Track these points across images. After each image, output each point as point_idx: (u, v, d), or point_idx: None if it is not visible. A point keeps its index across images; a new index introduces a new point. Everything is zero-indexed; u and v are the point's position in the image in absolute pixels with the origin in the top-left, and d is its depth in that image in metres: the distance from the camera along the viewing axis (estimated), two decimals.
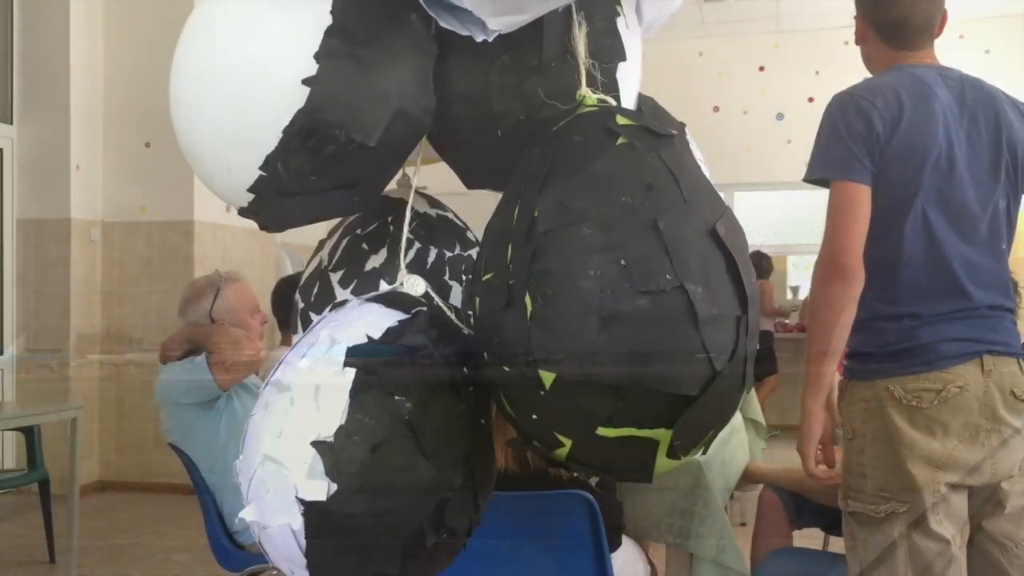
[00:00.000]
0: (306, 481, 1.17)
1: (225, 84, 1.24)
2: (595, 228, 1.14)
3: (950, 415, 1.83)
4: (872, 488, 1.89)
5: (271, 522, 1.20)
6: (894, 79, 1.96)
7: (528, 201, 1.20)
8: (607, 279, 1.11)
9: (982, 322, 1.89)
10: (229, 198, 1.33)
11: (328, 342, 1.25)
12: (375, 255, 1.52)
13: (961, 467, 1.84)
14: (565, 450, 1.21)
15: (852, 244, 1.87)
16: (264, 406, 1.25)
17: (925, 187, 1.88)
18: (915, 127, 1.88)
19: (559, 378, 1.13)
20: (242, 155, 1.25)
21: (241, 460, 1.27)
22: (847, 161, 1.89)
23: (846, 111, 1.92)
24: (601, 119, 1.28)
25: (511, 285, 1.17)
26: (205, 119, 1.26)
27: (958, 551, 1.84)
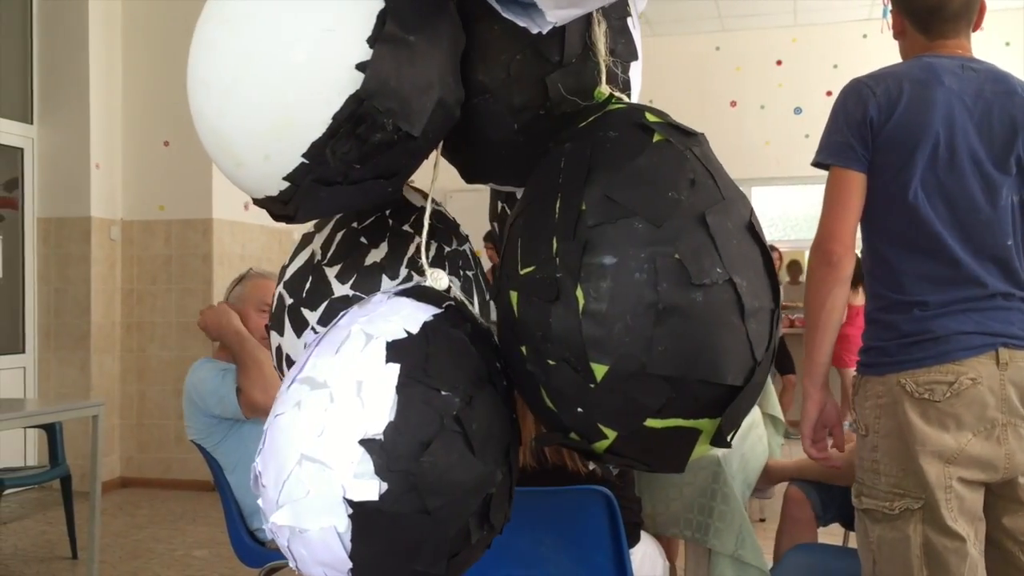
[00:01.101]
0: (354, 481, 1.13)
1: (271, 69, 1.19)
2: (645, 222, 1.15)
3: (963, 408, 1.82)
4: (886, 485, 1.89)
5: (311, 525, 1.15)
6: (904, 67, 1.97)
7: (571, 195, 1.20)
8: (662, 272, 1.12)
9: (996, 313, 1.87)
10: (257, 187, 1.28)
11: (363, 337, 1.21)
12: (375, 249, 1.48)
13: (975, 462, 1.82)
14: (607, 443, 1.20)
15: (838, 230, 1.92)
16: (295, 404, 1.20)
17: (922, 174, 1.88)
18: (911, 113, 1.89)
19: (611, 371, 1.14)
20: (285, 142, 1.21)
21: (264, 461, 1.22)
22: (841, 148, 1.94)
23: (848, 98, 1.97)
24: (632, 116, 1.28)
25: (559, 278, 1.16)
26: (245, 105, 1.21)
27: (973, 549, 1.83)
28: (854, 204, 1.92)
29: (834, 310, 1.93)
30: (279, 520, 1.17)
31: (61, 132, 6.20)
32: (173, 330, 6.36)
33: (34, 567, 4.50)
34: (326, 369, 1.21)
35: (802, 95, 8.92)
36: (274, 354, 1.56)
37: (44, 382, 6.22)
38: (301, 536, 1.17)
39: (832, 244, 1.92)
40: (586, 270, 1.14)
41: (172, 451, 6.24)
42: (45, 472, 4.78)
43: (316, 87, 1.19)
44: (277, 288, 1.55)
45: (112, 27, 6.34)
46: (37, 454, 6.09)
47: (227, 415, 2.88)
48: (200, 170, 6.25)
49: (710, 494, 2.41)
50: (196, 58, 1.26)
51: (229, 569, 4.31)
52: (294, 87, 1.19)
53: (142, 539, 5.00)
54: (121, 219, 6.42)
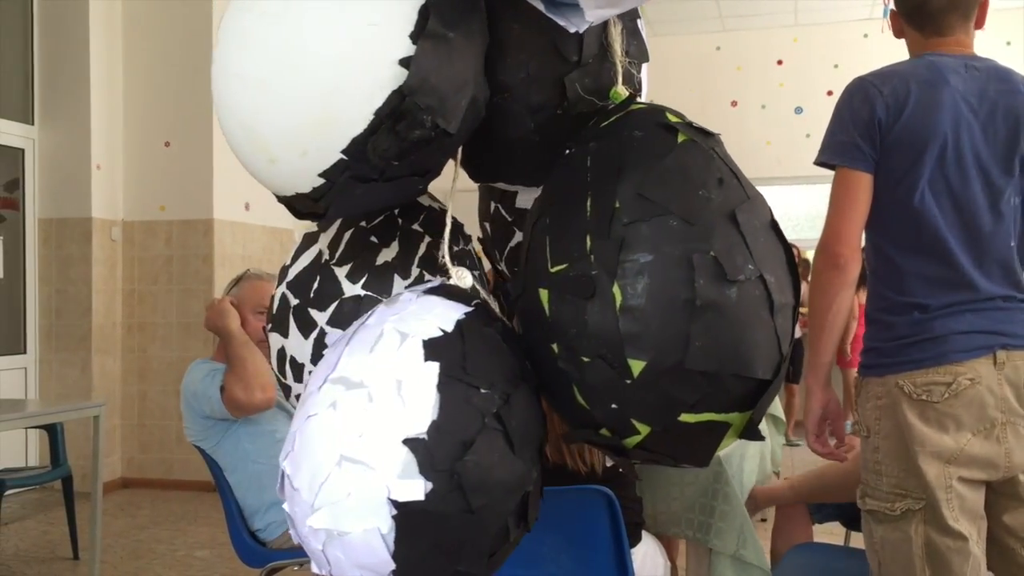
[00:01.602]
0: (398, 481, 1.11)
1: (314, 62, 1.17)
2: (680, 220, 1.18)
3: (962, 409, 1.82)
4: (888, 486, 1.89)
5: (353, 527, 1.13)
6: (909, 66, 1.96)
7: (603, 193, 1.21)
8: (699, 269, 1.15)
9: (995, 314, 1.87)
10: (288, 184, 1.25)
11: (397, 336, 1.20)
12: (386, 248, 1.46)
13: (975, 462, 1.82)
14: (639, 438, 1.22)
15: (844, 232, 1.90)
16: (329, 405, 1.17)
17: (929, 176, 1.87)
18: (919, 115, 1.87)
19: (648, 366, 1.16)
20: (325, 138, 1.19)
21: (294, 464, 1.18)
22: (847, 148, 1.92)
23: (853, 97, 1.95)
24: (655, 117, 1.30)
25: (594, 276, 1.17)
26: (284, 100, 1.18)
27: (975, 547, 1.83)
28: (861, 205, 1.91)
29: (839, 312, 1.93)
30: (316, 523, 1.14)
31: (62, 133, 6.20)
32: (174, 330, 6.37)
33: (35, 568, 4.50)
34: (361, 369, 1.19)
35: (803, 95, 8.92)
36: (275, 356, 1.52)
37: (45, 383, 6.23)
38: (341, 539, 1.14)
39: (839, 247, 1.90)
40: (622, 267, 1.16)
41: (173, 451, 6.24)
42: (46, 473, 4.78)
43: (359, 82, 1.18)
44: (279, 289, 1.51)
45: (113, 28, 6.34)
46: (38, 455, 6.09)
47: (216, 416, 2.87)
48: (201, 170, 6.26)
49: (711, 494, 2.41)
50: (229, 51, 1.22)
51: (230, 569, 4.31)
52: (337, 82, 1.17)
53: (143, 539, 5.00)
54: (122, 220, 6.42)
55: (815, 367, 2.00)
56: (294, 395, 1.50)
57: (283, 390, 1.55)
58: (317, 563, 1.20)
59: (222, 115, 1.25)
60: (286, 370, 1.50)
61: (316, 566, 1.22)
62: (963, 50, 1.98)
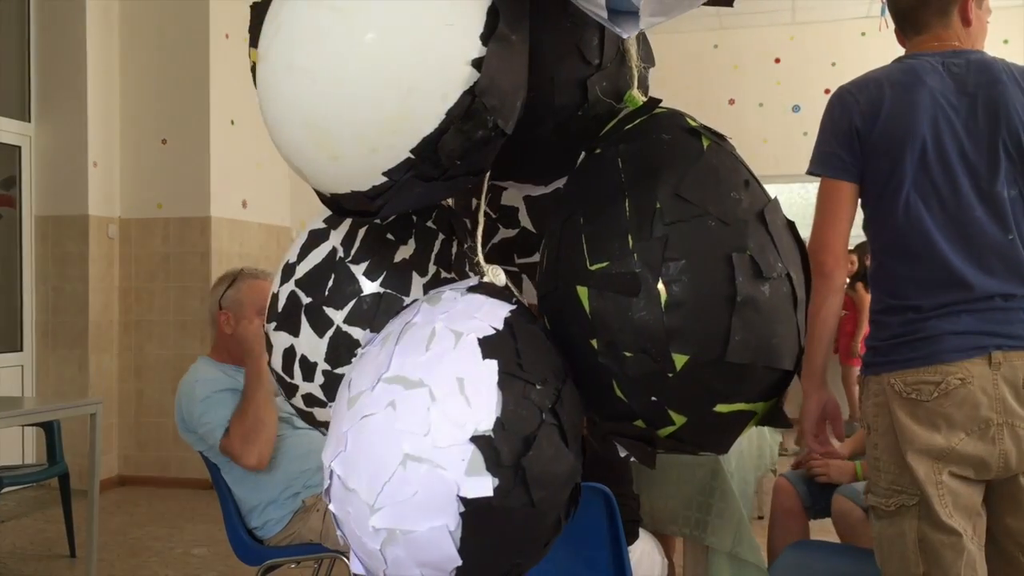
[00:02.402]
0: (466, 479, 1.13)
1: (390, 60, 1.16)
2: (717, 221, 1.25)
3: (953, 408, 1.82)
4: (885, 482, 1.90)
5: (419, 525, 1.14)
6: (885, 72, 1.98)
7: (641, 195, 1.26)
8: (738, 267, 1.23)
9: (993, 315, 1.86)
10: (347, 181, 1.24)
11: (451, 335, 1.21)
12: (404, 246, 1.45)
13: (966, 460, 1.83)
14: (673, 428, 1.28)
15: (829, 240, 1.95)
16: (388, 404, 1.17)
17: (914, 177, 1.88)
18: (894, 118, 1.90)
19: (692, 360, 1.22)
20: (396, 136, 1.18)
21: (348, 465, 1.18)
22: (829, 159, 1.98)
23: (833, 108, 1.99)
24: (678, 121, 1.36)
25: (638, 273, 1.22)
26: (357, 97, 1.17)
27: (970, 543, 1.83)
28: (844, 214, 1.96)
29: (828, 319, 1.97)
30: (378, 523, 1.15)
31: (59, 130, 6.20)
32: (171, 328, 6.36)
33: (32, 565, 4.50)
34: (418, 367, 1.19)
35: (800, 93, 8.92)
36: (279, 355, 1.51)
37: (42, 380, 6.22)
38: (405, 537, 1.15)
39: (824, 255, 1.95)
40: (666, 266, 1.22)
41: (170, 449, 6.23)
42: (43, 470, 4.77)
43: (434, 81, 1.18)
44: (284, 287, 1.49)
45: (110, 25, 6.33)
46: (35, 452, 6.09)
47: (207, 442, 2.87)
48: (198, 168, 6.25)
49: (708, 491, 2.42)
50: (296, 44, 1.19)
51: (228, 567, 4.31)
52: (414, 80, 1.17)
53: (140, 537, 5.00)
54: (119, 217, 6.41)
55: (809, 372, 2.02)
56: (301, 394, 1.49)
57: (286, 390, 1.53)
58: (370, 564, 1.20)
59: (277, 110, 1.23)
60: (294, 369, 1.48)
61: (362, 567, 1.22)
62: (944, 45, 1.98)
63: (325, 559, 3.09)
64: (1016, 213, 1.91)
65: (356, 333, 1.41)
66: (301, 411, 1.53)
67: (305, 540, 2.89)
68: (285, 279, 1.50)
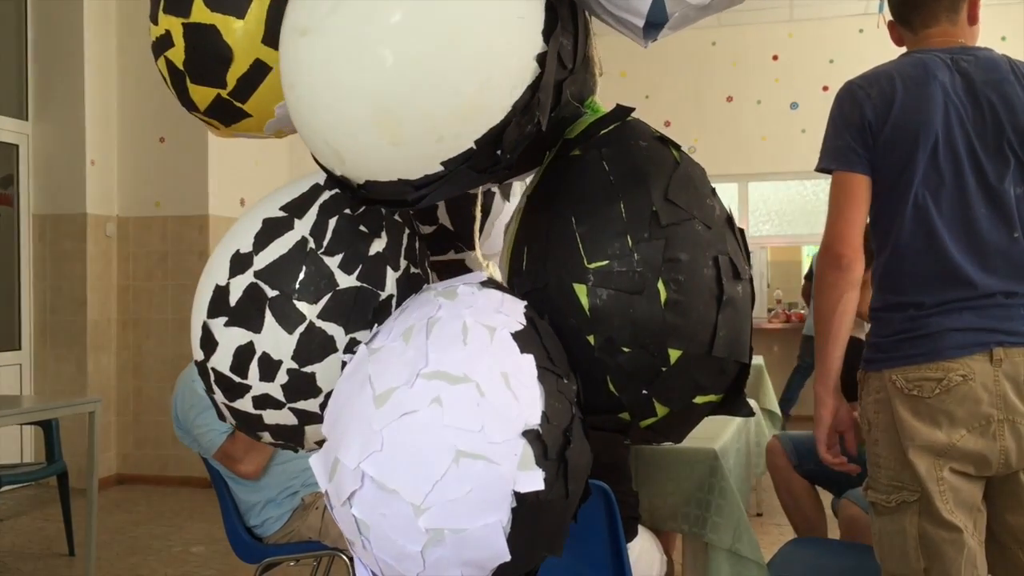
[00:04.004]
0: (519, 473, 1.13)
1: (474, 51, 1.16)
2: (702, 224, 1.34)
3: (955, 405, 1.82)
4: (886, 478, 1.90)
5: (471, 523, 1.12)
6: (895, 65, 1.97)
7: (635, 197, 1.33)
8: (723, 268, 1.32)
9: (995, 311, 1.86)
10: (401, 168, 1.21)
11: (484, 330, 1.20)
12: (377, 239, 1.40)
13: (967, 457, 1.82)
14: (654, 420, 1.34)
15: (846, 233, 1.91)
16: (432, 400, 1.15)
17: (923, 174, 1.88)
18: (907, 114, 1.88)
19: (684, 355, 1.29)
20: (466, 126, 1.18)
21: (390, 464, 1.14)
22: (842, 152, 1.94)
23: (843, 102, 1.97)
24: (646, 129, 1.43)
25: (640, 272, 1.28)
26: (433, 84, 1.15)
27: (971, 539, 1.83)
28: (860, 207, 1.92)
29: (845, 314, 1.93)
30: (427, 523, 1.12)
31: (56, 128, 6.19)
32: (169, 327, 6.36)
33: (31, 564, 4.49)
34: (460, 363, 1.18)
35: (798, 90, 8.92)
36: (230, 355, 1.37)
37: (40, 379, 6.22)
38: (455, 537, 1.13)
39: (842, 248, 1.91)
40: (666, 266, 1.28)
41: (169, 448, 6.23)
42: (42, 469, 4.77)
43: (506, 74, 1.19)
44: (235, 278, 1.38)
45: (107, 23, 6.32)
46: (34, 451, 6.09)
47: (200, 444, 2.87)
48: (196, 166, 6.25)
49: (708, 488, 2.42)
50: (375, 27, 1.16)
51: (227, 565, 4.31)
52: (491, 71, 1.17)
53: (139, 536, 5.00)
54: (117, 216, 6.41)
55: (823, 374, 1.98)
56: (251, 395, 1.38)
57: (228, 392, 1.39)
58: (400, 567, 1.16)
59: (334, 88, 1.18)
60: (249, 369, 1.36)
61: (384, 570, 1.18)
62: (950, 41, 1.98)
63: (324, 556, 3.09)
64: (1021, 212, 1.91)
65: (330, 329, 1.34)
66: (242, 414, 1.41)
67: (304, 538, 2.90)
68: (237, 270, 1.38)
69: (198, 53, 1.50)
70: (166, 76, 1.57)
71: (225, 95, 1.53)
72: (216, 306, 1.38)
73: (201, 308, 1.40)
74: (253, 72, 1.50)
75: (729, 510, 2.39)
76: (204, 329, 1.39)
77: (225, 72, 1.50)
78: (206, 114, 1.58)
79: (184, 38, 1.50)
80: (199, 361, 1.42)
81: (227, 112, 1.56)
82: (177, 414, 2.91)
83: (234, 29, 1.49)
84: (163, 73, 1.58)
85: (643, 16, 1.29)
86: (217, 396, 1.43)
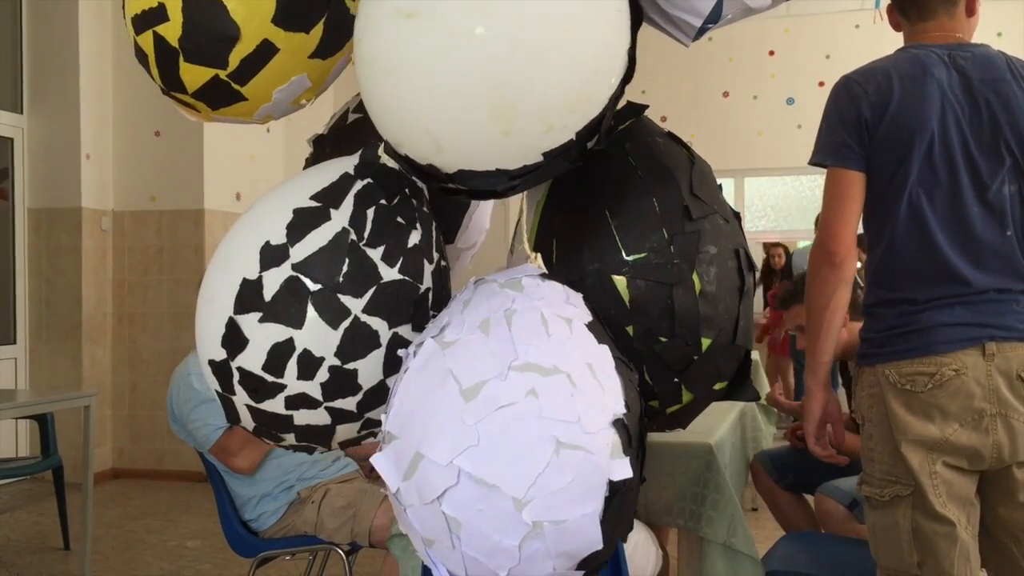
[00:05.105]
0: (612, 462, 1.15)
1: (591, 41, 1.17)
2: (722, 219, 1.41)
3: (947, 399, 1.82)
4: (879, 472, 1.90)
5: (570, 514, 1.12)
6: (891, 62, 1.96)
7: (666, 192, 1.38)
8: (743, 261, 1.40)
9: (987, 307, 1.86)
10: (500, 158, 1.19)
11: (562, 321, 1.21)
12: (414, 230, 1.35)
13: (960, 451, 1.83)
14: (678, 407, 1.40)
15: (840, 230, 1.91)
16: (527, 393, 1.13)
17: (918, 171, 1.88)
18: (904, 111, 1.88)
19: (713, 343, 1.36)
20: (573, 117, 1.18)
21: (489, 457, 1.12)
22: (838, 148, 1.93)
23: (839, 97, 1.96)
24: (655, 125, 1.48)
25: (676, 264, 1.34)
26: (559, 74, 1.14)
27: (964, 533, 1.84)
28: (854, 203, 1.92)
29: (837, 310, 1.94)
30: (530, 516, 1.11)
31: (51, 122, 6.17)
32: (165, 321, 6.35)
33: (26, 558, 4.49)
34: (547, 354, 1.17)
35: (794, 86, 8.92)
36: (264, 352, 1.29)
37: (36, 373, 6.21)
38: (554, 528, 1.12)
39: (835, 245, 1.91)
40: (699, 257, 1.35)
41: (164, 442, 6.23)
42: (37, 463, 4.76)
43: (610, 66, 1.20)
44: (269, 270, 1.30)
45: (102, 16, 6.30)
46: (29, 445, 6.08)
47: (195, 439, 2.87)
48: (191, 160, 6.23)
49: (703, 483, 2.42)
50: (493, 15, 1.12)
51: (222, 559, 4.31)
52: (597, 62, 1.17)
53: (135, 530, 4.99)
54: (112, 210, 6.39)
55: (814, 368, 1.99)
56: (284, 395, 1.31)
57: (257, 393, 1.32)
58: (498, 561, 1.14)
59: (447, 75, 1.14)
60: (286, 367, 1.29)
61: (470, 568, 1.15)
62: (947, 36, 1.97)
63: (319, 551, 3.09)
64: (1015, 210, 1.91)
65: (375, 324, 1.29)
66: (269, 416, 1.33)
67: (300, 532, 2.90)
68: (271, 262, 1.30)
69: (199, 30, 1.40)
70: (150, 52, 1.45)
71: (224, 76, 1.44)
72: (246, 301, 1.30)
73: (224, 304, 1.31)
74: (259, 53, 1.42)
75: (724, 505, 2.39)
76: (231, 326, 1.30)
77: (228, 51, 1.41)
78: (195, 95, 1.48)
79: (183, 12, 1.40)
80: (218, 360, 1.33)
81: (220, 94, 1.47)
82: (172, 408, 2.91)
83: (242, 5, 1.39)
84: (144, 49, 1.46)
85: (703, 16, 1.32)
86: (238, 398, 1.34)
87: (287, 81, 1.49)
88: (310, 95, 1.59)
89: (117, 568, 4.30)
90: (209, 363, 1.35)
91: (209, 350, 1.34)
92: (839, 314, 1.95)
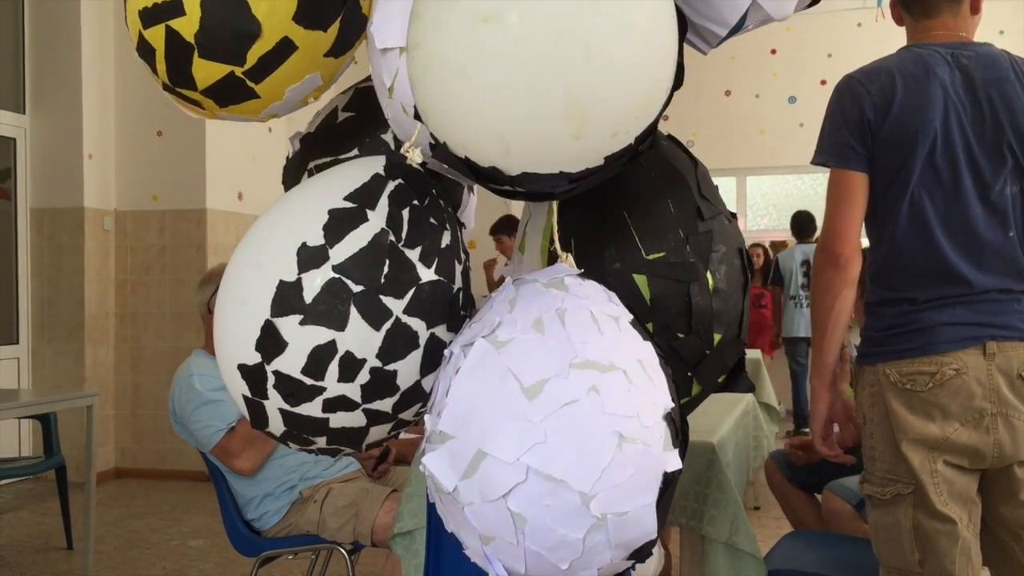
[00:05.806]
0: (665, 454, 1.19)
1: (659, 46, 1.18)
2: (726, 219, 1.48)
3: (948, 398, 1.82)
4: (881, 471, 1.90)
5: (631, 505, 1.16)
6: (895, 61, 1.95)
7: (679, 194, 1.44)
8: (744, 259, 1.47)
9: (988, 307, 1.86)
10: (566, 161, 1.19)
11: (610, 319, 1.24)
12: (445, 231, 1.36)
13: (961, 450, 1.83)
14: (687, 400, 1.44)
15: (844, 231, 1.91)
16: (589, 389, 1.15)
17: (921, 171, 1.87)
18: (907, 111, 1.87)
19: (723, 338, 1.42)
20: (636, 122, 1.20)
21: (557, 453, 1.13)
22: (841, 149, 1.93)
23: (842, 96, 1.96)
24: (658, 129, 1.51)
25: (693, 263, 1.40)
26: (628, 80, 1.15)
27: (965, 531, 1.84)
28: (858, 204, 1.92)
29: (842, 312, 1.94)
30: (597, 509, 1.14)
31: (53, 122, 6.18)
32: (167, 320, 6.36)
33: (29, 557, 4.50)
34: (603, 352, 1.19)
35: (796, 84, 8.92)
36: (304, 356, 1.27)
37: (38, 373, 6.22)
38: (616, 520, 1.15)
39: (840, 246, 1.91)
40: (712, 256, 1.42)
41: (167, 441, 6.23)
42: (40, 463, 4.77)
43: (668, 73, 1.22)
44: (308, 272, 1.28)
45: (105, 16, 6.31)
46: (32, 445, 6.09)
47: (197, 439, 2.88)
48: (193, 160, 6.24)
49: (705, 482, 2.42)
50: (571, 21, 1.12)
51: (225, 559, 4.32)
52: (659, 69, 1.19)
53: (137, 529, 5.00)
54: (114, 209, 6.40)
55: (819, 368, 1.99)
56: (323, 398, 1.29)
57: (294, 396, 1.29)
58: (560, 554, 1.16)
59: (524, 76, 1.13)
60: (327, 370, 1.27)
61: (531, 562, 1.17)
62: (951, 34, 1.96)
63: (322, 550, 3.09)
64: (1017, 211, 1.91)
65: (415, 324, 1.30)
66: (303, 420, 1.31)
67: (302, 531, 2.90)
68: (310, 264, 1.28)
69: (218, 25, 1.39)
70: (159, 46, 1.43)
71: (240, 73, 1.43)
72: (284, 303, 1.27)
73: (259, 306, 1.29)
74: (278, 51, 1.42)
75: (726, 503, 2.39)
76: (267, 329, 1.28)
77: (247, 48, 1.40)
78: (204, 92, 1.46)
79: (202, 7, 1.38)
80: (251, 364, 1.30)
81: (233, 92, 1.46)
82: (174, 409, 2.91)
83: (265, 2, 1.38)
84: (152, 43, 1.43)
85: (729, 27, 1.35)
86: (271, 402, 1.32)
87: (301, 79, 1.50)
88: (318, 94, 1.60)
89: (120, 567, 4.31)
90: (239, 367, 1.33)
91: (239, 354, 1.32)
92: (844, 315, 1.95)
